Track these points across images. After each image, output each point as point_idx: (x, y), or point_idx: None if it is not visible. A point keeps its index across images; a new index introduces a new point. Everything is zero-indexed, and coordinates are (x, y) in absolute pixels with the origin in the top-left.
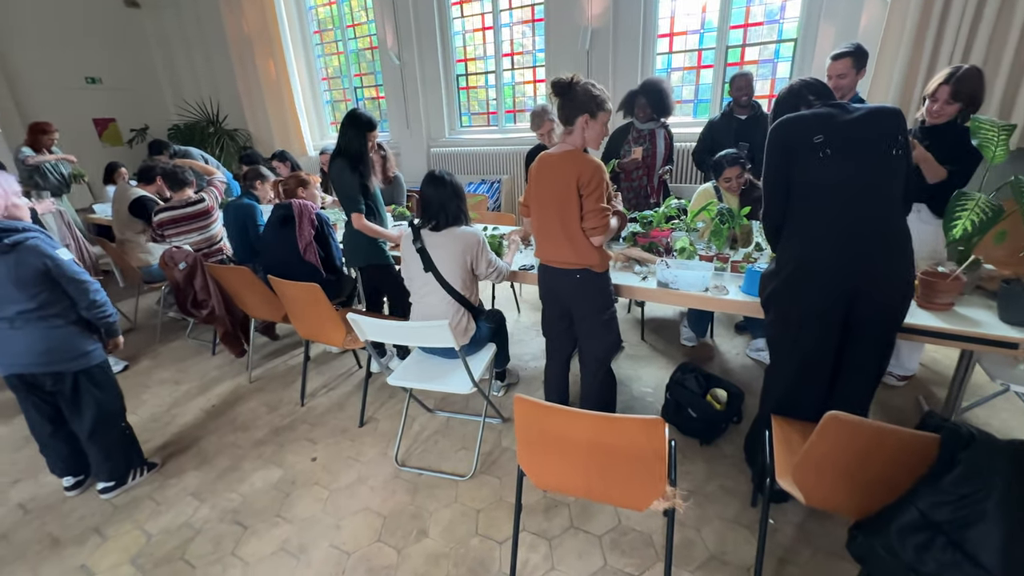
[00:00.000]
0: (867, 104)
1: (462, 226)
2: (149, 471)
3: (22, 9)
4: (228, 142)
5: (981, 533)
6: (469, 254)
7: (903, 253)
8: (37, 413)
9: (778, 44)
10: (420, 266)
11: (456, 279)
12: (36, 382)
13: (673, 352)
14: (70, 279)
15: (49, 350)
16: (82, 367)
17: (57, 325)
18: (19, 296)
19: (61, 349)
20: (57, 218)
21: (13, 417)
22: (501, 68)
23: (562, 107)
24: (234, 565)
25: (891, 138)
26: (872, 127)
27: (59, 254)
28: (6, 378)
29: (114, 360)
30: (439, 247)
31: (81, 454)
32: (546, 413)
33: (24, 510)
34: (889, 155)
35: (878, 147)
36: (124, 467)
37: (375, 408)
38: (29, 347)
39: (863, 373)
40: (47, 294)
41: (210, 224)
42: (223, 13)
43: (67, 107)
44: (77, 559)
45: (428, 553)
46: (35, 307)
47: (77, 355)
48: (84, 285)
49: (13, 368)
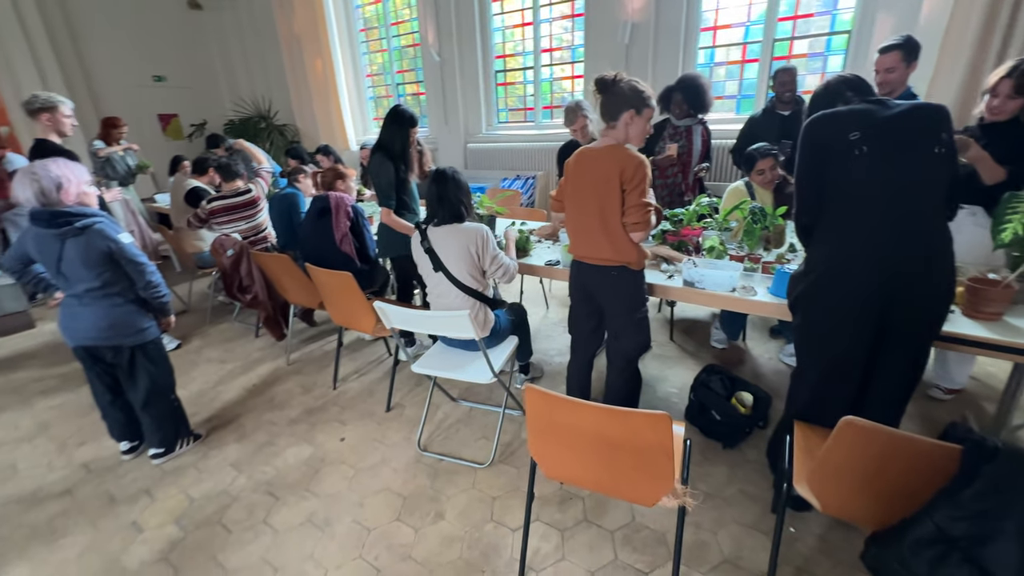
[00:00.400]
0: (910, 101)
1: (465, 221)
2: (195, 441)
3: (98, 12)
4: (277, 137)
5: (998, 551)
6: (473, 246)
7: (942, 257)
8: (99, 382)
9: (830, 36)
10: (431, 267)
11: (465, 275)
12: (98, 354)
13: (702, 354)
14: (129, 260)
15: (111, 325)
16: (138, 342)
17: (118, 303)
18: (87, 275)
19: (121, 325)
20: (123, 206)
21: (81, 386)
22: (539, 64)
23: (605, 103)
24: (265, 532)
25: (933, 136)
26: (913, 124)
27: (121, 238)
28: (74, 349)
29: (168, 338)
30: (444, 244)
31: (136, 422)
32: (555, 404)
33: (87, 469)
34: (930, 154)
35: (919, 145)
36: (173, 436)
37: (402, 395)
38: (94, 322)
39: (894, 382)
40: (110, 274)
41: (256, 213)
42: (276, 14)
43: (135, 103)
44: (129, 516)
45: (443, 535)
46: (100, 285)
47: (134, 331)
48: (141, 267)
49: (80, 340)
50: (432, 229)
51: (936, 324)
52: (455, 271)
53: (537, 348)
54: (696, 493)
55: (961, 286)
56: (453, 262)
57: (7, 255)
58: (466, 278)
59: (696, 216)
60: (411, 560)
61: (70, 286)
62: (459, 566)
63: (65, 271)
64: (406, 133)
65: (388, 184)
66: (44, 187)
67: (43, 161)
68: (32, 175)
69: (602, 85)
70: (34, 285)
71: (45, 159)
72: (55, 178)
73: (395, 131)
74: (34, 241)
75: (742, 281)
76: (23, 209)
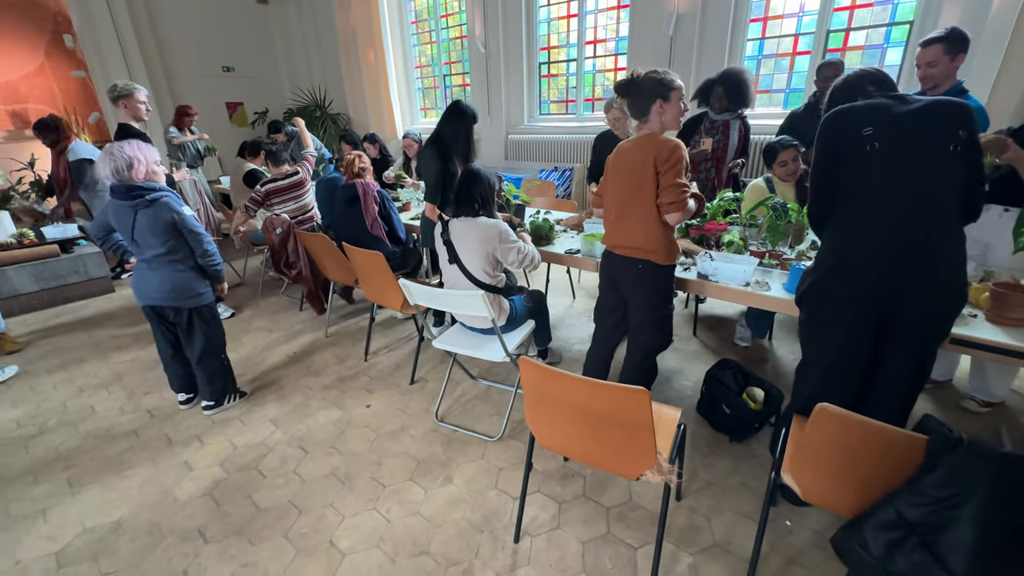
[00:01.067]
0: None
1: (483, 216)
2: (240, 398)
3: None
4: (330, 124)
5: (953, 538)
6: (490, 245)
7: (951, 258)
8: (163, 339)
9: (889, 27)
10: (447, 257)
11: (478, 270)
12: (163, 313)
13: (725, 351)
14: (190, 231)
15: (173, 288)
16: (195, 305)
17: (179, 269)
18: (155, 242)
19: (181, 288)
20: (191, 186)
21: (149, 345)
22: (583, 56)
23: (632, 103)
24: (294, 480)
25: (949, 134)
26: (930, 121)
27: (183, 210)
28: (143, 308)
29: (224, 307)
30: (462, 238)
31: (193, 377)
32: (545, 375)
33: (150, 415)
34: (945, 152)
35: (933, 142)
36: (222, 391)
37: (425, 370)
38: (160, 284)
39: (895, 381)
40: (173, 242)
41: (303, 194)
42: (335, 7)
43: (206, 91)
44: (182, 456)
45: (450, 497)
46: (165, 252)
47: (192, 295)
48: (200, 237)
49: (147, 300)
50: (452, 221)
51: (941, 325)
52: (469, 265)
53: (559, 336)
54: (681, 472)
55: (987, 291)
56: (468, 256)
57: (92, 224)
58: (479, 272)
59: (722, 211)
60: (419, 515)
61: (141, 252)
62: (462, 525)
63: (138, 238)
64: (469, 129)
65: (435, 180)
66: (118, 166)
67: (120, 143)
68: (110, 155)
69: (623, 89)
70: (115, 251)
71: (122, 141)
72: (127, 158)
73: (456, 125)
74: (113, 212)
75: (758, 276)
76: (105, 185)
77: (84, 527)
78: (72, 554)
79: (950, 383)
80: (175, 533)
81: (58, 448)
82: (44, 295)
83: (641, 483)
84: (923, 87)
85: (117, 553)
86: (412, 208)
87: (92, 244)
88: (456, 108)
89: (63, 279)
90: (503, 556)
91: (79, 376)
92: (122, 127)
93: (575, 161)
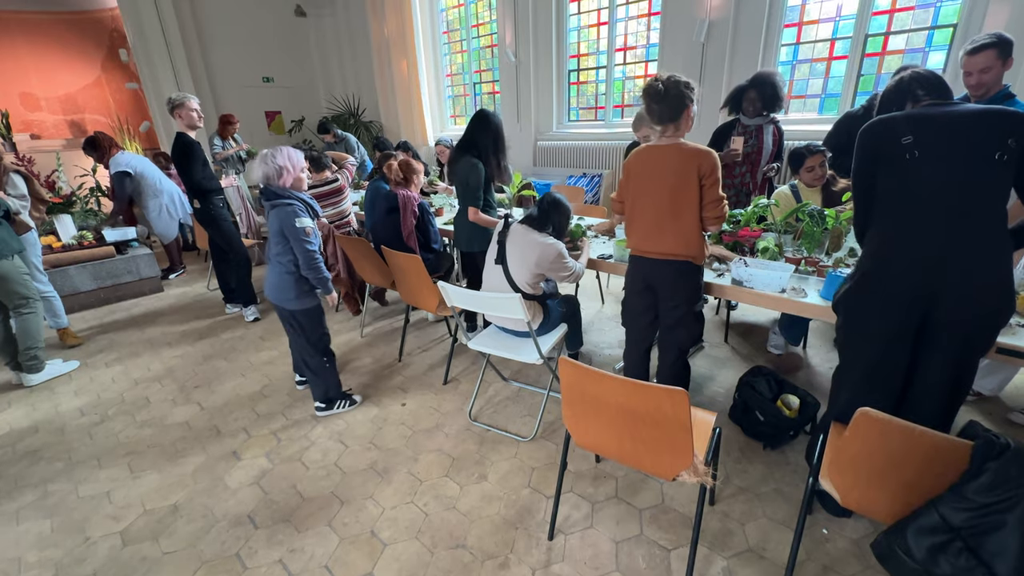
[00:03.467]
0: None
1: (548, 236)
2: (351, 406)
3: (220, 20)
4: (364, 132)
5: (998, 542)
6: (542, 267)
7: (991, 267)
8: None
9: (931, 31)
10: (495, 256)
11: (521, 279)
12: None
13: (757, 358)
14: (296, 240)
15: (276, 286)
16: (291, 308)
17: (285, 271)
18: (273, 242)
19: (282, 289)
20: (235, 191)
21: (197, 340)
22: (613, 63)
23: (667, 108)
24: (334, 472)
25: (997, 142)
26: (975, 129)
27: (297, 222)
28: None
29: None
30: (516, 245)
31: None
32: (585, 376)
33: (200, 407)
34: (991, 159)
35: (978, 149)
36: (327, 393)
37: (458, 371)
38: (271, 280)
39: (936, 390)
40: (283, 246)
41: (341, 200)
42: (369, 19)
43: (247, 101)
44: (231, 446)
45: (485, 494)
46: (278, 252)
47: (289, 298)
48: (303, 246)
49: (266, 292)
50: (515, 225)
51: (980, 335)
52: (514, 272)
53: (589, 340)
54: (716, 474)
55: None
56: (516, 264)
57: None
58: (520, 282)
59: (756, 217)
60: (455, 510)
61: (271, 248)
62: (496, 520)
63: (268, 236)
64: (499, 134)
65: (477, 185)
66: (268, 172)
67: (274, 150)
68: (263, 162)
69: (658, 95)
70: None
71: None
72: (278, 168)
73: (487, 132)
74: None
75: (794, 283)
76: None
77: (145, 509)
78: (135, 533)
79: (997, 397)
80: (227, 518)
81: (118, 436)
82: (100, 293)
83: (673, 486)
84: (974, 94)
85: (175, 534)
86: (444, 213)
87: (145, 246)
88: (484, 116)
89: (118, 278)
90: (538, 552)
91: (134, 369)
92: (178, 136)
93: (604, 167)
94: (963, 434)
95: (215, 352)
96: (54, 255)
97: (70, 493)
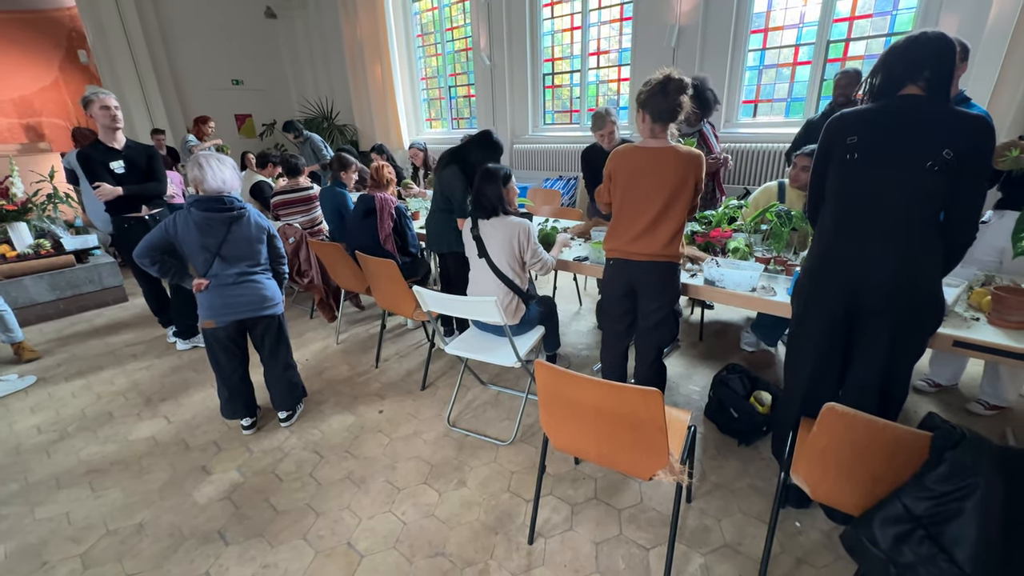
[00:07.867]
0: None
1: (510, 216)
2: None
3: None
4: (337, 135)
5: (957, 529)
6: (515, 240)
7: (915, 271)
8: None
9: (888, 38)
10: (476, 252)
11: (505, 265)
12: (251, 326)
13: (731, 356)
14: (276, 238)
15: (271, 296)
16: (280, 311)
17: (268, 277)
18: (250, 253)
19: (274, 294)
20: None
21: (164, 353)
22: (587, 67)
23: (663, 110)
24: (310, 484)
25: (932, 152)
26: (914, 134)
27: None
28: (218, 329)
29: None
30: (491, 235)
31: (253, 398)
32: (560, 378)
33: (167, 420)
34: (923, 168)
35: (914, 158)
36: (297, 397)
37: (436, 377)
38: (254, 296)
39: (866, 389)
40: (265, 253)
41: (313, 208)
42: (342, 22)
43: (216, 104)
44: (200, 461)
45: (464, 499)
46: (259, 263)
47: (280, 300)
48: (278, 243)
49: (236, 315)
50: (482, 221)
51: (910, 340)
52: (497, 260)
53: (567, 342)
54: (692, 472)
55: (988, 294)
56: (497, 253)
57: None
58: (506, 268)
59: (727, 218)
60: (434, 517)
61: (227, 267)
62: (476, 527)
63: (226, 253)
64: (495, 159)
65: (462, 197)
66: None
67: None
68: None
69: (665, 89)
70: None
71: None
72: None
73: (488, 156)
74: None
75: (764, 282)
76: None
77: (107, 529)
78: (97, 555)
79: (955, 387)
80: (196, 535)
81: (78, 453)
82: (60, 304)
83: (652, 485)
84: None
85: (141, 555)
86: (420, 217)
87: (108, 255)
88: (488, 140)
89: (78, 288)
90: (518, 557)
91: (96, 383)
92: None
93: (580, 170)
94: (923, 425)
95: (183, 363)
96: (7, 265)
97: (25, 516)
